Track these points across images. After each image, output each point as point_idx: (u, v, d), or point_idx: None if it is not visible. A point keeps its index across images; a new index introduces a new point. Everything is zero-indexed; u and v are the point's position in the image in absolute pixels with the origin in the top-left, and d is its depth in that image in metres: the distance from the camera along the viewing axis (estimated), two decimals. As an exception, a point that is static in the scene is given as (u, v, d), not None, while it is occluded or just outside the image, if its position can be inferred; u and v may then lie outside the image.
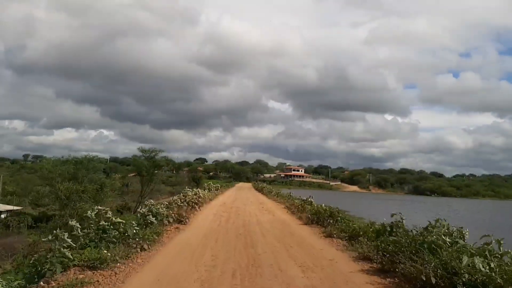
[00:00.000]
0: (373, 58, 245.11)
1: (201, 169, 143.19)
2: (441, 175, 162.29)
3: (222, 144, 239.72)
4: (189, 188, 23.05)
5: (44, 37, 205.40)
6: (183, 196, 19.34)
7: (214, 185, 36.05)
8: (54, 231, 6.89)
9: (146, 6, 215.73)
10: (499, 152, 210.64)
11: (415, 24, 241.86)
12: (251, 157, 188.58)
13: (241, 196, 34.94)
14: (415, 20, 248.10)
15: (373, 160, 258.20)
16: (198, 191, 23.01)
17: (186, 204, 17.91)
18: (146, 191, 59.81)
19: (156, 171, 77.69)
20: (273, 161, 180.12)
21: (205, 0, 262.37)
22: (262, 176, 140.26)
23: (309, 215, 15.41)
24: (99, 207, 9.72)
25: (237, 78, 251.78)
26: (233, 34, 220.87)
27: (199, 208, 18.59)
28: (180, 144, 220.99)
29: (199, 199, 21.77)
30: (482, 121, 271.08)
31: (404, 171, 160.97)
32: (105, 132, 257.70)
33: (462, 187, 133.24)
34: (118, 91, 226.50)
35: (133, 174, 66.77)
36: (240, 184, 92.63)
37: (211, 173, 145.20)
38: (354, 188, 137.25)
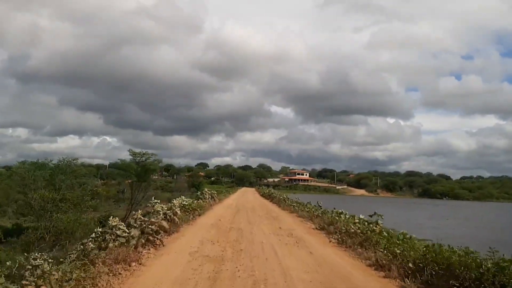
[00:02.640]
0: (376, 62, 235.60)
1: (202, 174, 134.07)
2: (448, 178, 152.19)
3: (224, 150, 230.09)
4: (159, 201, 13.64)
5: (48, 46, 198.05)
6: (139, 217, 9.85)
7: (209, 192, 26.63)
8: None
9: (150, 15, 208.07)
10: (502, 154, 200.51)
11: (417, 27, 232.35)
12: (253, 162, 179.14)
13: (245, 206, 25.50)
14: (417, 24, 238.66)
15: (376, 164, 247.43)
16: (174, 205, 13.56)
17: (140, 236, 8.63)
18: (137, 198, 51.17)
19: (151, 176, 68.85)
20: (275, 166, 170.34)
21: (208, 6, 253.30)
22: (266, 181, 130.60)
23: (412, 264, 6.07)
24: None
25: (239, 84, 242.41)
26: (236, 40, 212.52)
27: (165, 239, 9.23)
28: (183, 150, 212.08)
29: (175, 217, 12.46)
30: (485, 123, 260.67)
31: (411, 173, 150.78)
32: (108, 139, 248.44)
33: (474, 189, 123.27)
34: (121, 98, 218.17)
35: (132, 180, 58.48)
36: (243, 189, 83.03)
37: (212, 178, 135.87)
38: (362, 192, 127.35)
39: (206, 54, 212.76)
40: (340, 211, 15.58)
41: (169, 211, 12.65)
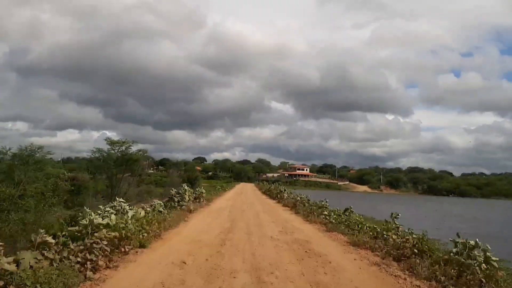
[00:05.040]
0: (375, 58, 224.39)
1: (199, 168, 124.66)
2: (450, 174, 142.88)
3: (223, 145, 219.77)
4: None
5: (48, 40, 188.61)
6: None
7: (193, 191, 17.19)
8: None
9: (152, 9, 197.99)
10: (499, 151, 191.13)
11: (417, 24, 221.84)
12: (252, 158, 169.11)
13: (244, 212, 15.90)
14: (417, 21, 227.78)
15: (374, 160, 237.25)
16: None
17: None
18: (118, 193, 41.94)
19: (144, 169, 59.46)
20: (274, 161, 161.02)
21: (210, 2, 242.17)
22: (265, 176, 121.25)
23: None
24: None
25: (239, 79, 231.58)
26: (236, 35, 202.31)
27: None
28: (182, 145, 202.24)
29: None
30: (483, 120, 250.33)
31: (414, 169, 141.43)
32: (108, 133, 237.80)
33: (481, 186, 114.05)
34: (121, 92, 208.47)
35: (127, 174, 49.53)
36: (241, 185, 73.54)
37: (210, 173, 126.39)
38: (364, 188, 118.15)
39: (206, 49, 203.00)
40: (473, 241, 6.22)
41: None
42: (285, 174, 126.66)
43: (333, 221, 11.62)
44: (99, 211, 7.63)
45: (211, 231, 9.90)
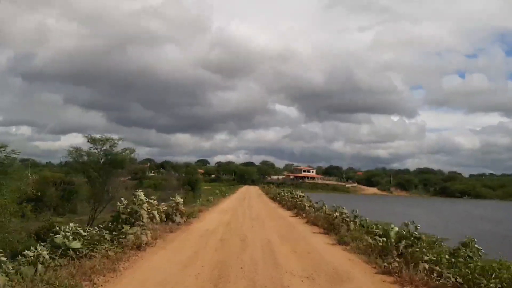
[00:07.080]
0: (380, 60, 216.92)
1: (201, 171, 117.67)
2: (459, 175, 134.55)
3: (227, 148, 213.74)
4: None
5: (54, 45, 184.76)
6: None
7: (153, 204, 9.87)
8: None
9: (156, 14, 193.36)
10: (505, 151, 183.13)
11: (422, 26, 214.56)
12: (256, 160, 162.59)
13: (248, 239, 8.67)
14: (421, 23, 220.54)
15: (379, 161, 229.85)
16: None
17: None
18: (104, 197, 34.74)
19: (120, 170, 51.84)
20: (278, 164, 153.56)
21: (214, 6, 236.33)
22: (270, 178, 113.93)
23: None
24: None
25: (244, 82, 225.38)
26: (240, 39, 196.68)
27: None
28: (186, 148, 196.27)
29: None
30: (488, 121, 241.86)
31: (423, 171, 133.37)
32: (112, 137, 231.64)
33: (497, 187, 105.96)
34: (125, 96, 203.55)
35: (127, 178, 42.36)
36: (245, 188, 66.14)
37: (213, 176, 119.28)
38: (373, 190, 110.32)
39: (211, 52, 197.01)
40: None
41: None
42: (291, 176, 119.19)
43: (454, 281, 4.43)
44: None
45: None
